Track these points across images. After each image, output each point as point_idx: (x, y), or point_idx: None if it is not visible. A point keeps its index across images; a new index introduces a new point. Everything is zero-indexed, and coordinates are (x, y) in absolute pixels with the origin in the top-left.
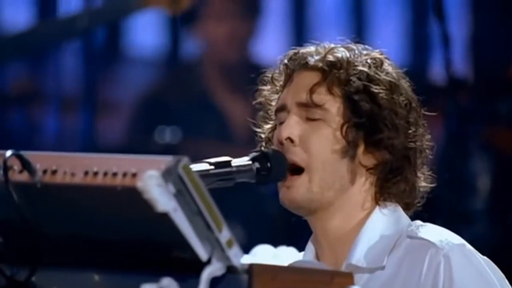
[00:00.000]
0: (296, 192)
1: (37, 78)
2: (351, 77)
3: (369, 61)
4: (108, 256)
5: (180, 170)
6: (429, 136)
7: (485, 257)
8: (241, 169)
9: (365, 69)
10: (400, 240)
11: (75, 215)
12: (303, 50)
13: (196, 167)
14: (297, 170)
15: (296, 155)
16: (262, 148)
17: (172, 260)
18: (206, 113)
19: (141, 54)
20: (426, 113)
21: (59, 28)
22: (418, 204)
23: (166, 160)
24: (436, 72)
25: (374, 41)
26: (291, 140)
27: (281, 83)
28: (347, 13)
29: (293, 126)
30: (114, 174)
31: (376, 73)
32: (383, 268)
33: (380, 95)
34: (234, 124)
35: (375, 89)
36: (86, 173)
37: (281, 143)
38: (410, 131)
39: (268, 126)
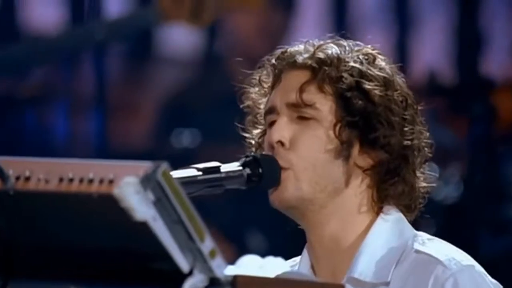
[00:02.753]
0: (285, 189)
1: (51, 79)
2: (343, 74)
3: (361, 57)
4: (84, 267)
5: (159, 176)
6: (427, 134)
7: (495, 281)
8: (230, 175)
9: (357, 65)
10: (405, 253)
11: (50, 224)
12: (291, 49)
13: (183, 173)
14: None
15: (285, 160)
16: (254, 153)
17: (151, 272)
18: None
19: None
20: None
21: (75, 39)
22: (419, 206)
23: (145, 166)
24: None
25: (419, 38)
26: (282, 143)
27: (269, 84)
28: (390, 9)
29: (283, 129)
30: (90, 181)
31: (369, 69)
32: (387, 284)
33: (374, 91)
34: None
35: (368, 85)
36: (61, 179)
37: (272, 147)
38: (406, 129)
39: (257, 131)
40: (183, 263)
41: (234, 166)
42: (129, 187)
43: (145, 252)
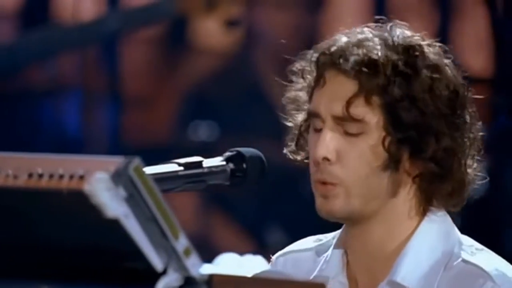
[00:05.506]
0: (333, 204)
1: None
2: (390, 82)
3: (407, 55)
4: (56, 266)
5: (131, 172)
6: (479, 124)
7: None
8: (213, 170)
9: (405, 69)
10: (451, 261)
11: (19, 222)
12: (334, 46)
13: (163, 168)
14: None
15: (332, 175)
16: (237, 148)
17: (124, 271)
18: (254, 108)
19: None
20: None
21: (86, 31)
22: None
23: (116, 161)
24: None
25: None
26: (328, 159)
27: (311, 79)
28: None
29: (328, 144)
30: (61, 177)
31: (416, 71)
32: None
33: (424, 100)
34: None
35: (417, 93)
36: (30, 175)
37: (317, 163)
38: (458, 133)
39: (300, 117)
40: (157, 262)
41: (217, 161)
42: (100, 183)
43: (118, 250)
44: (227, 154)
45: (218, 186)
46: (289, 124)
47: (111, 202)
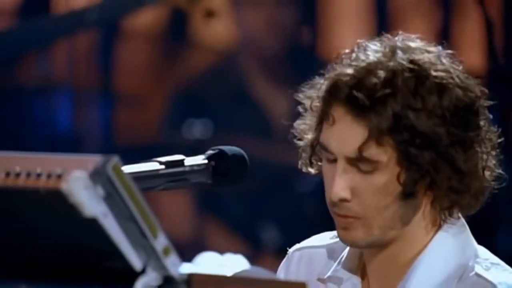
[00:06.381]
0: (355, 236)
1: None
2: (399, 122)
3: (413, 83)
4: (34, 266)
5: (109, 170)
6: (494, 131)
7: None
8: (195, 169)
9: (412, 102)
10: (465, 274)
11: None
12: (338, 81)
13: (144, 166)
14: None
15: (351, 211)
16: (220, 147)
17: (103, 270)
18: (241, 106)
19: None
20: None
21: (69, 21)
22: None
23: (94, 159)
24: None
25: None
26: (345, 200)
27: (319, 112)
28: None
29: (344, 185)
30: (38, 175)
31: (423, 99)
32: None
33: (436, 133)
34: (274, 118)
35: (427, 128)
36: (7, 174)
37: (333, 202)
38: (471, 151)
39: (311, 135)
40: (136, 261)
41: (198, 159)
42: (78, 182)
43: (96, 250)
44: (209, 152)
45: (211, 186)
46: (300, 143)
47: (89, 201)
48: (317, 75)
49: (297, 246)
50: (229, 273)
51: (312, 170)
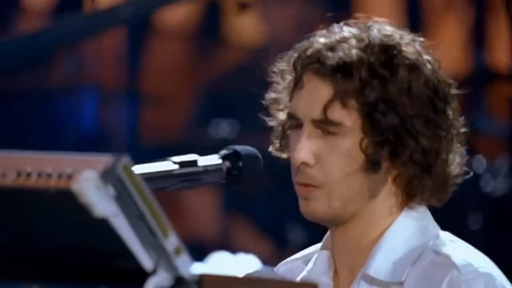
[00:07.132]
0: (317, 207)
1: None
2: (366, 85)
3: (383, 57)
4: (45, 266)
5: (119, 171)
6: (461, 120)
7: None
8: (209, 169)
9: (381, 70)
10: (424, 253)
11: (8, 221)
12: (311, 49)
13: (158, 166)
14: None
15: (312, 179)
16: (234, 146)
17: (114, 270)
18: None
19: None
20: None
21: (101, 19)
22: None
23: (105, 159)
24: None
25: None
26: (306, 164)
27: (290, 80)
28: None
29: (307, 149)
30: (49, 175)
31: (393, 72)
32: (401, 283)
33: (401, 101)
34: None
35: (394, 95)
36: (18, 174)
37: (297, 167)
38: (438, 131)
39: (282, 116)
40: (147, 261)
41: (213, 159)
42: (89, 182)
43: (107, 250)
44: (223, 152)
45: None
46: (272, 123)
47: (100, 201)
48: None
49: (282, 262)
50: (240, 273)
51: (283, 155)
